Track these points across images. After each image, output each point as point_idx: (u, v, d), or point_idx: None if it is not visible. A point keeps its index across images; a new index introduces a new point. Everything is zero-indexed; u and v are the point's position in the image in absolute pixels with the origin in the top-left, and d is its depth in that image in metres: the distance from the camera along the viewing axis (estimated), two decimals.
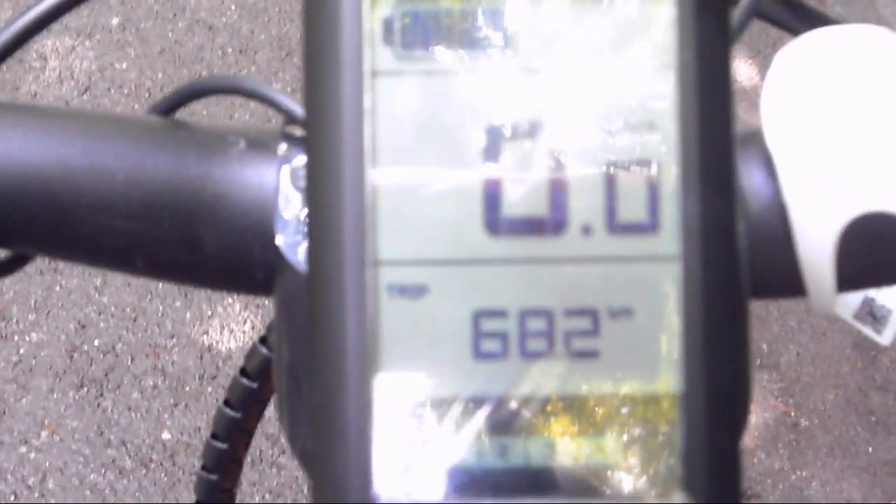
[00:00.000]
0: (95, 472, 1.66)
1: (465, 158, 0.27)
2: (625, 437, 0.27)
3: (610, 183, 0.27)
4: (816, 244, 0.33)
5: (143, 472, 1.66)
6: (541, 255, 0.27)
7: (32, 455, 1.67)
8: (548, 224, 0.27)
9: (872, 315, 0.45)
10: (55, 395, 1.72)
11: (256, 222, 0.32)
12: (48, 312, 1.81)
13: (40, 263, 1.85)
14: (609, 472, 0.27)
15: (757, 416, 1.79)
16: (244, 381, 0.49)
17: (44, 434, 1.69)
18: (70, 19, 2.17)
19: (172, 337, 1.80)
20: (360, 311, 0.27)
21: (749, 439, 1.77)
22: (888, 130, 0.32)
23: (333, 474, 0.27)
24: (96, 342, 1.78)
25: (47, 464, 1.66)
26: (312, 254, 0.27)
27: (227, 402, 0.50)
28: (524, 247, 0.27)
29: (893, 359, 1.89)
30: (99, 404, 1.72)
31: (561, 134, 0.27)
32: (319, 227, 0.27)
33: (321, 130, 0.27)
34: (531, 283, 0.27)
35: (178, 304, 1.83)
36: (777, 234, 0.33)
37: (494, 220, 0.27)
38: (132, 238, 0.32)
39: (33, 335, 1.78)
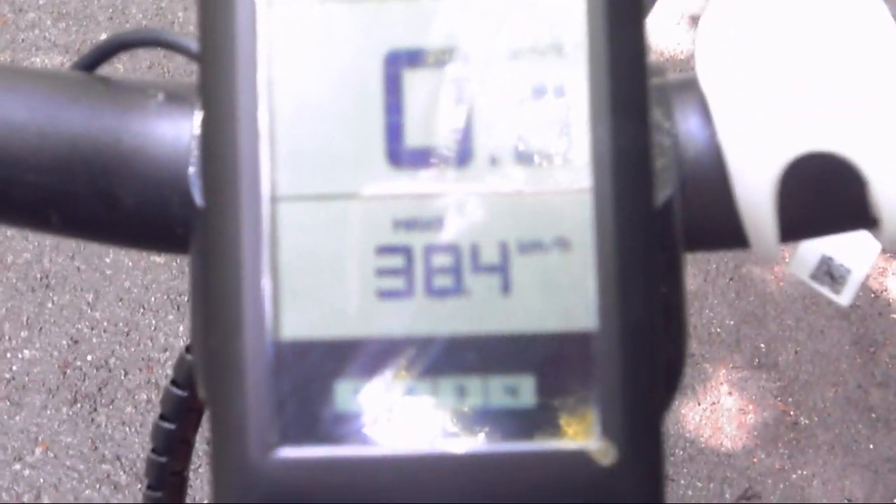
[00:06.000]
0: (90, 487, 1.65)
1: (366, 89, 0.26)
2: (537, 377, 0.26)
3: (518, 111, 0.26)
4: (755, 188, 0.31)
5: (139, 486, 1.65)
6: (446, 188, 0.26)
7: (27, 472, 1.66)
8: (453, 155, 0.26)
9: (830, 275, 0.43)
10: (48, 412, 1.71)
11: (174, 176, 0.31)
12: (40, 329, 1.80)
13: (32, 280, 1.84)
14: (521, 415, 0.26)
15: (756, 416, 1.78)
16: (175, 390, 0.48)
17: (38, 451, 1.68)
18: (58, 36, 2.18)
19: (165, 350, 1.79)
20: (257, 248, 0.25)
21: (749, 439, 1.75)
22: (825, 67, 0.31)
23: (232, 427, 0.25)
24: (89, 357, 1.77)
25: (42, 480, 1.65)
26: (207, 190, 0.26)
27: (162, 416, 0.49)
28: (428, 179, 0.26)
29: (892, 354, 1.87)
30: (93, 419, 1.71)
31: (466, 61, 0.26)
32: (214, 163, 0.26)
33: (214, 66, 0.26)
34: (436, 218, 0.26)
35: (170, 317, 1.82)
36: (714, 181, 0.32)
37: (397, 151, 0.26)
38: (46, 193, 0.31)
39: (26, 352, 1.77)
